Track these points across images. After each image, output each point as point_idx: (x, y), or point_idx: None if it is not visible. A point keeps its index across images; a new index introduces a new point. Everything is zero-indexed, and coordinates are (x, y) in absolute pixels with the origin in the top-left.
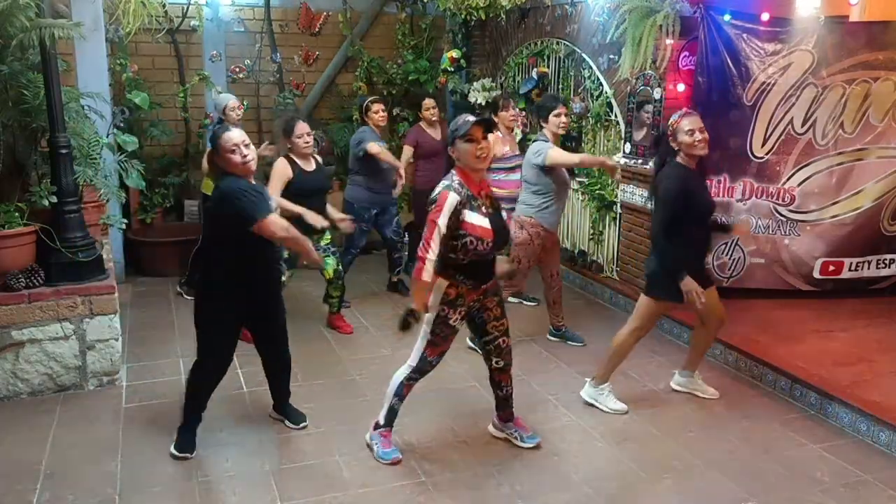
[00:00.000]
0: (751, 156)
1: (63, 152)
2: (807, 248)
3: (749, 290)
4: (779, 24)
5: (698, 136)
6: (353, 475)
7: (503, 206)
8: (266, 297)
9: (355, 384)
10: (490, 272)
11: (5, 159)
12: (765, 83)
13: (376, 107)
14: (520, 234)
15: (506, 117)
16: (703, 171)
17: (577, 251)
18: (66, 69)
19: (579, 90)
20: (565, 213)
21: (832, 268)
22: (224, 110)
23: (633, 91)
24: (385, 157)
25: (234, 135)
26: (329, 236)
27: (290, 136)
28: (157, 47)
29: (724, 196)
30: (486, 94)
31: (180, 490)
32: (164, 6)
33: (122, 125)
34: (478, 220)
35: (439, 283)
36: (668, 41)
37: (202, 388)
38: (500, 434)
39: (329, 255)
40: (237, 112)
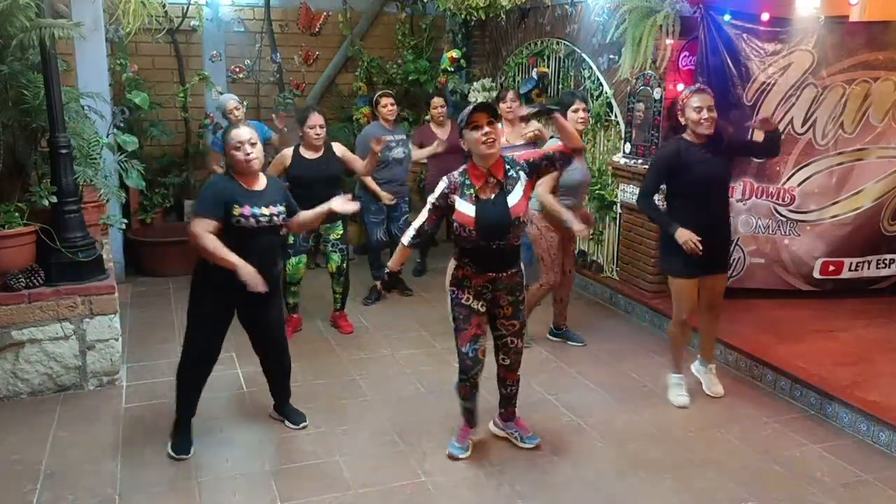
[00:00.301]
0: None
1: (63, 152)
2: (807, 248)
3: (749, 290)
4: (779, 24)
5: (705, 114)
6: (353, 475)
7: None
8: (253, 296)
9: (355, 384)
10: (497, 263)
11: (5, 159)
12: (765, 83)
13: (384, 101)
14: (531, 229)
15: (503, 108)
16: (718, 147)
17: (577, 251)
18: (66, 69)
19: (579, 90)
20: None
21: (832, 268)
22: (224, 113)
23: (633, 91)
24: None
25: (242, 132)
26: (340, 232)
27: (302, 125)
28: (157, 47)
29: None
30: (486, 94)
31: (180, 490)
32: (164, 6)
33: (122, 125)
34: (463, 208)
35: (451, 264)
36: (668, 41)
37: (185, 384)
38: (501, 433)
39: (336, 252)
40: (236, 113)
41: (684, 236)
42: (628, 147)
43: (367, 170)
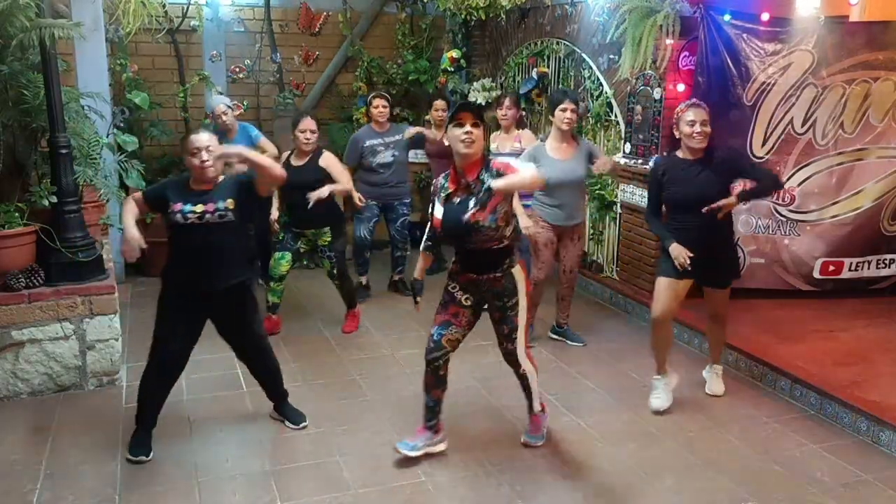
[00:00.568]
0: (751, 156)
1: (63, 152)
2: (807, 248)
3: (749, 290)
4: (779, 24)
5: (698, 128)
6: (353, 475)
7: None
8: (220, 305)
9: (355, 384)
10: (473, 265)
11: (5, 159)
12: (765, 83)
13: (377, 101)
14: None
15: (498, 114)
16: (711, 165)
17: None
18: (66, 69)
19: (579, 90)
20: None
21: (832, 268)
22: (213, 115)
23: (633, 91)
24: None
25: (201, 138)
26: (327, 238)
27: (294, 129)
28: (157, 47)
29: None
30: (486, 94)
31: (180, 490)
32: (164, 6)
33: (122, 125)
34: (436, 210)
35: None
36: (668, 41)
37: (146, 393)
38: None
39: (324, 258)
40: (223, 119)
41: (675, 251)
42: (628, 147)
43: (343, 191)
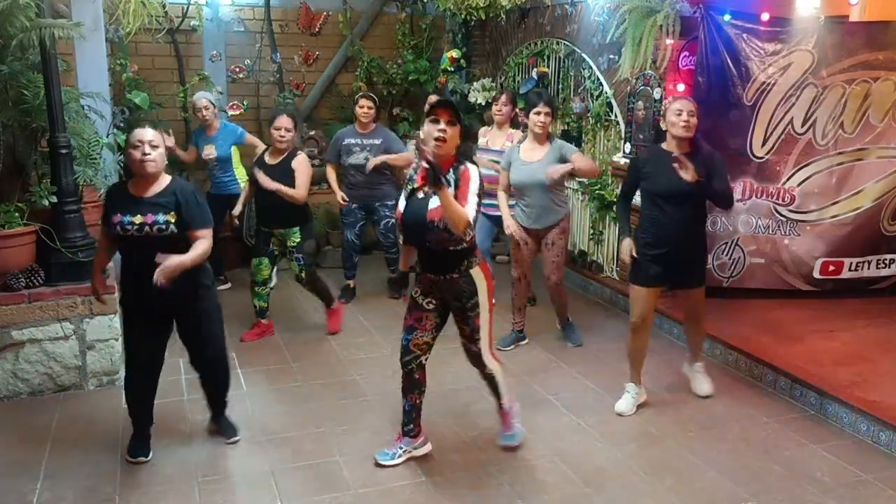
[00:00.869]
0: (751, 156)
1: (63, 152)
2: (807, 248)
3: (749, 290)
4: (779, 24)
5: (684, 116)
6: (353, 475)
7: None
8: (182, 312)
9: (355, 384)
10: (432, 265)
11: (5, 159)
12: (765, 83)
13: (362, 102)
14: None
15: (493, 110)
16: (694, 163)
17: (577, 251)
18: (66, 69)
19: (579, 90)
20: None
21: (832, 268)
22: (194, 110)
23: (633, 91)
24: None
25: (146, 133)
26: (297, 239)
27: (270, 126)
28: (157, 47)
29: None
30: (486, 94)
31: (180, 490)
32: (164, 6)
33: (122, 125)
34: (400, 202)
35: None
36: (668, 41)
37: (130, 397)
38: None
39: (292, 259)
40: (205, 113)
41: (622, 249)
42: (628, 147)
43: (291, 197)
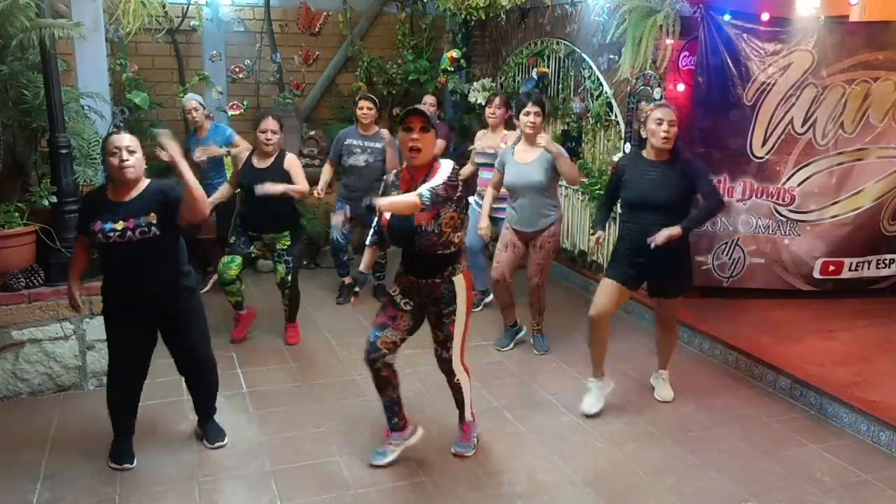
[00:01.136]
0: (751, 156)
1: (63, 152)
2: (807, 248)
3: (749, 290)
4: (779, 24)
5: (665, 126)
6: (353, 475)
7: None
8: (164, 317)
9: (355, 384)
10: (416, 268)
11: (5, 159)
12: (765, 83)
13: (361, 103)
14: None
15: (487, 112)
16: (674, 170)
17: (577, 251)
18: (66, 69)
19: (579, 90)
20: (566, 212)
21: (832, 268)
22: (184, 112)
23: (633, 91)
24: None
25: (123, 138)
26: (287, 242)
27: (256, 128)
28: (157, 47)
29: (723, 196)
30: (485, 94)
31: (180, 490)
32: (164, 6)
33: (121, 125)
34: None
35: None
36: (668, 41)
37: (113, 405)
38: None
39: (280, 262)
40: (194, 114)
41: (596, 236)
42: (628, 147)
43: (301, 193)
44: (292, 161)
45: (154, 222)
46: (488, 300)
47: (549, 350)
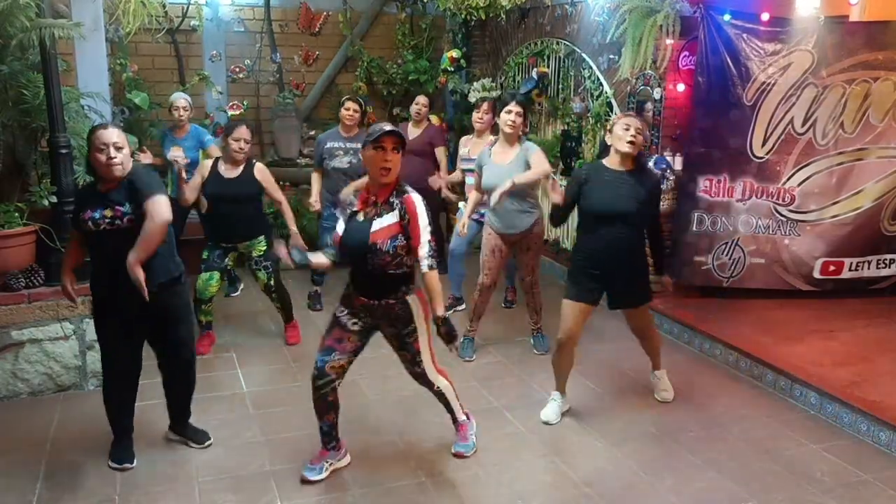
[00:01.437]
0: (751, 155)
1: (63, 152)
2: (807, 248)
3: (749, 290)
4: (779, 24)
5: (632, 131)
6: (353, 475)
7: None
8: (150, 315)
9: (355, 384)
10: (369, 288)
11: (5, 159)
12: (765, 83)
13: (347, 104)
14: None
15: (475, 118)
16: (638, 182)
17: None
18: (66, 69)
19: (579, 90)
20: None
21: (832, 268)
22: (170, 109)
23: (633, 91)
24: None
25: (110, 134)
26: (263, 248)
27: (227, 136)
28: (157, 47)
29: (723, 196)
30: (486, 94)
31: (180, 490)
32: (164, 6)
33: (121, 125)
34: (339, 226)
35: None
36: (668, 41)
37: (109, 405)
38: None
39: (260, 269)
40: (182, 113)
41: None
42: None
43: (278, 200)
44: (263, 171)
45: (128, 212)
46: (461, 308)
47: (548, 350)
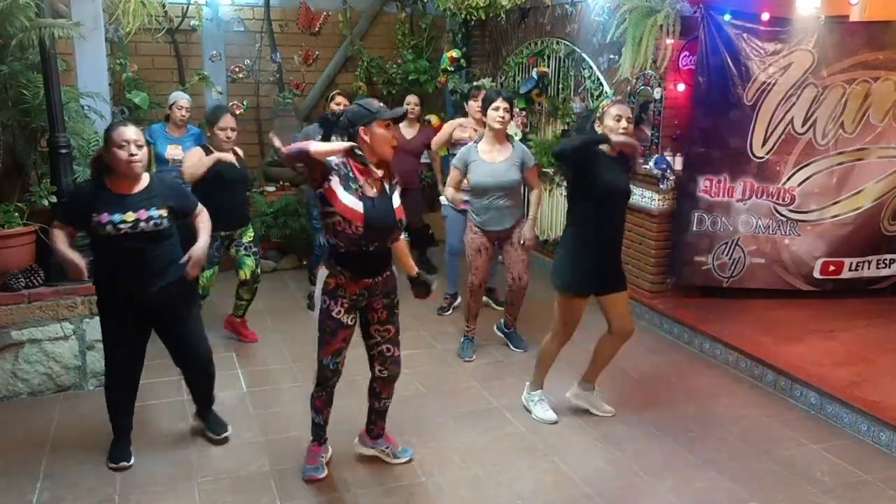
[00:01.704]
0: (751, 155)
1: (63, 152)
2: (807, 248)
3: (749, 290)
4: (779, 24)
5: (623, 123)
6: (353, 475)
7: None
8: (160, 311)
9: (354, 384)
10: (375, 267)
11: (5, 159)
12: (765, 83)
13: (339, 98)
14: (466, 233)
15: (471, 106)
16: (626, 164)
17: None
18: (65, 69)
19: (579, 90)
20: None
21: (832, 268)
22: (169, 106)
23: (633, 91)
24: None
25: (129, 131)
26: (252, 234)
27: (213, 125)
28: (157, 47)
29: (724, 196)
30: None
31: (180, 490)
32: (164, 6)
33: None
34: (350, 202)
35: (321, 273)
36: (669, 41)
37: (111, 404)
38: (370, 451)
39: (248, 255)
40: (182, 111)
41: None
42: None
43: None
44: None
45: (166, 215)
46: (457, 303)
47: (527, 348)
